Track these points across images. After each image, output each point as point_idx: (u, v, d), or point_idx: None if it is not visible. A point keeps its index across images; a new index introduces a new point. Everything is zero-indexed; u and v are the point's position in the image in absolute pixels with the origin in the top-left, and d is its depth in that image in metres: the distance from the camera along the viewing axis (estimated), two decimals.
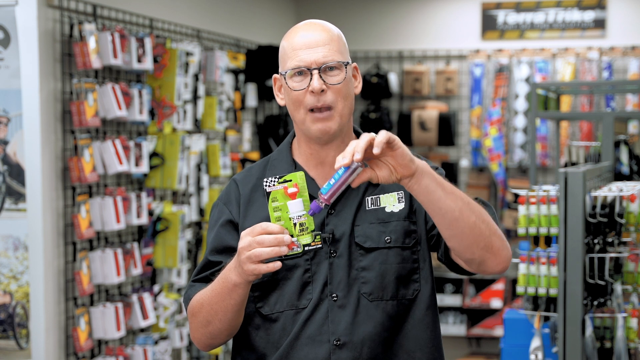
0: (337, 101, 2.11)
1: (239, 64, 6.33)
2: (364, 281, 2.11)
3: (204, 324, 2.11)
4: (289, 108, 2.15)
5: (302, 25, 2.17)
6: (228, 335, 2.14)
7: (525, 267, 3.48)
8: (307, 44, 2.11)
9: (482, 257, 2.00)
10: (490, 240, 1.98)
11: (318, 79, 2.09)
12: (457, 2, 7.73)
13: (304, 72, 2.10)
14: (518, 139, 7.36)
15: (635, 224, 3.50)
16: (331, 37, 2.13)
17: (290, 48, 2.13)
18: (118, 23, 4.99)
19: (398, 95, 7.78)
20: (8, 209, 4.08)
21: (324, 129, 2.11)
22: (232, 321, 2.09)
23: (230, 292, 2.03)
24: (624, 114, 5.26)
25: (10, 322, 4.08)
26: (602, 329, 3.41)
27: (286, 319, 2.11)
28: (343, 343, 2.09)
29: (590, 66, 7.27)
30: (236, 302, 2.04)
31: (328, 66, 2.10)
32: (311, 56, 2.10)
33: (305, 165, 2.19)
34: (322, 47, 2.11)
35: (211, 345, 2.17)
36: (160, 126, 5.19)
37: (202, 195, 5.68)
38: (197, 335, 2.15)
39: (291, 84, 2.11)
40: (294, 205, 1.96)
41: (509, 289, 7.29)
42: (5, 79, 4.06)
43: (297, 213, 1.96)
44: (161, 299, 5.16)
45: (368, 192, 2.16)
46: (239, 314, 2.08)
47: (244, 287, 2.01)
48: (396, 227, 2.14)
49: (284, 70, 2.13)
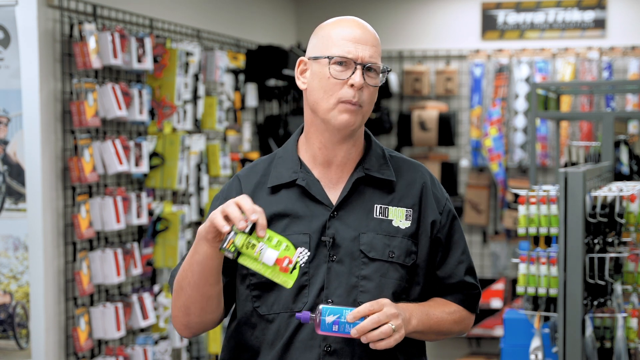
0: (366, 103, 2.11)
1: (239, 64, 6.33)
2: (362, 290, 2.09)
3: (178, 292, 2.11)
4: (315, 94, 2.12)
5: (350, 19, 2.17)
6: (199, 311, 2.11)
7: (525, 267, 3.48)
8: (358, 38, 2.12)
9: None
10: (451, 336, 2.27)
11: (361, 75, 2.09)
12: (457, 2, 7.73)
13: (346, 64, 2.10)
14: (518, 139, 7.36)
15: (635, 224, 3.50)
16: (377, 40, 2.17)
17: (339, 36, 2.12)
18: (118, 23, 4.99)
19: (398, 95, 7.78)
20: (8, 209, 4.08)
21: (349, 121, 2.09)
22: (200, 289, 2.06)
23: (196, 247, 2.03)
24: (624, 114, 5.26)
25: (10, 322, 4.08)
26: (602, 329, 3.41)
27: (281, 321, 2.10)
28: (334, 350, 2.08)
29: (590, 66, 7.27)
30: (200, 258, 2.02)
31: (370, 67, 2.11)
32: (359, 51, 2.10)
33: (311, 164, 2.17)
34: (370, 47, 2.13)
35: (189, 326, 2.14)
36: (160, 126, 5.19)
37: (202, 195, 5.68)
38: (175, 312, 2.14)
39: (332, 71, 2.09)
40: (268, 255, 1.94)
41: (509, 289, 7.29)
42: (5, 79, 4.06)
43: (263, 256, 1.95)
44: (161, 299, 5.16)
45: (378, 200, 2.15)
46: (206, 281, 2.06)
47: (207, 245, 2.00)
48: (400, 243, 2.13)
49: (328, 54, 2.11)
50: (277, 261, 1.93)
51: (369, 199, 2.15)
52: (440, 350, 7.43)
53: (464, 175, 7.66)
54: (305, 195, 2.14)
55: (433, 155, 7.65)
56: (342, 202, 2.13)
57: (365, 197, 2.14)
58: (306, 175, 2.15)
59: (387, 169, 2.18)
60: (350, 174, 2.16)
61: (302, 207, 2.11)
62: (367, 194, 2.15)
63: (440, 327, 2.16)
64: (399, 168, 2.20)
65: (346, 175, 2.16)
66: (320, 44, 2.14)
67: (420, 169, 2.23)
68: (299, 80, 2.18)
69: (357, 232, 2.11)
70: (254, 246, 1.93)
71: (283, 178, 2.16)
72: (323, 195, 2.13)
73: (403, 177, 2.19)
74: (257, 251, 1.93)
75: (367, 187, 2.16)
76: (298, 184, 2.14)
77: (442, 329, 2.16)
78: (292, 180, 2.15)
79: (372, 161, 2.18)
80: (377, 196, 2.15)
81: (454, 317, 2.20)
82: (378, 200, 2.14)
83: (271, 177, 2.18)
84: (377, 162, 2.18)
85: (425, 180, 2.20)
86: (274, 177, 2.17)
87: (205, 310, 2.11)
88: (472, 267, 2.25)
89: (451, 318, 2.19)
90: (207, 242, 2.00)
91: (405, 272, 2.13)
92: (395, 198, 2.15)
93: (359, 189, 2.15)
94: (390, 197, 2.15)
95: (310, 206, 2.12)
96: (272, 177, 2.17)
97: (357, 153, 2.18)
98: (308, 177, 2.15)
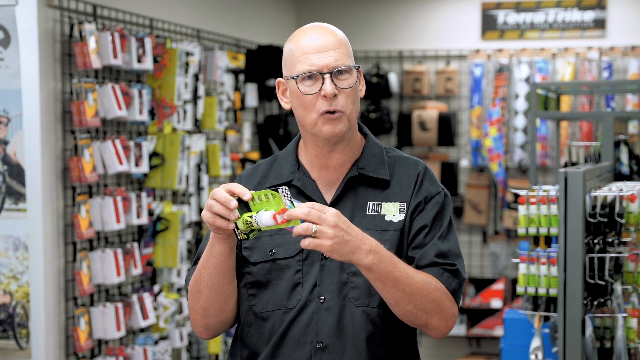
0: (347, 105, 2.11)
1: (239, 64, 6.33)
2: (352, 286, 2.11)
3: (196, 295, 2.13)
4: (298, 112, 2.14)
5: (308, 28, 2.15)
6: (218, 311, 2.13)
7: (525, 267, 3.48)
8: (318, 47, 2.10)
9: (419, 326, 2.11)
10: (427, 321, 2.07)
11: (330, 83, 2.08)
12: (457, 2, 7.73)
13: (314, 76, 2.09)
14: (518, 139, 7.36)
15: (635, 224, 3.50)
16: (340, 41, 2.13)
17: (300, 51, 2.11)
18: (118, 23, 4.99)
19: (398, 95, 7.78)
20: (8, 209, 4.08)
21: (334, 131, 2.11)
22: (218, 288, 2.09)
23: (210, 249, 2.06)
24: (624, 114, 5.26)
25: (10, 322, 4.08)
26: (602, 329, 3.41)
27: (275, 319, 2.12)
28: (325, 346, 2.09)
29: (590, 66, 7.27)
30: (217, 261, 2.06)
31: (339, 70, 2.10)
32: (322, 60, 2.09)
33: (309, 167, 2.20)
34: (333, 51, 2.10)
35: (208, 327, 2.17)
36: (160, 126, 5.19)
37: (202, 195, 5.68)
38: (193, 315, 2.17)
39: (302, 89, 2.10)
40: (265, 218, 1.94)
41: (509, 289, 7.29)
42: (5, 79, 4.06)
43: (262, 223, 1.95)
44: (161, 299, 5.16)
45: (371, 197, 2.17)
46: (223, 280, 2.09)
47: (220, 244, 2.04)
48: (392, 237, 2.13)
49: (293, 74, 2.12)
50: (274, 218, 1.93)
51: (363, 196, 2.17)
52: (440, 350, 7.44)
53: (464, 175, 7.66)
54: (301, 195, 2.18)
55: (433, 155, 7.65)
56: (336, 201, 2.16)
57: (359, 194, 2.17)
58: (302, 176, 2.19)
59: (383, 168, 2.19)
60: (345, 174, 2.19)
61: None
62: (360, 192, 2.17)
63: (406, 285, 2.00)
64: (396, 165, 2.22)
65: (342, 175, 2.19)
66: (288, 63, 2.15)
67: (417, 164, 2.23)
68: (282, 101, 2.20)
69: None
70: (252, 223, 1.96)
71: (281, 178, 2.21)
72: (317, 195, 2.17)
73: (399, 173, 2.20)
74: (255, 224, 1.95)
75: (361, 186, 2.18)
76: (294, 184, 2.18)
77: (407, 287, 2.01)
78: (289, 180, 2.19)
79: (367, 160, 2.20)
80: (371, 193, 2.17)
81: (425, 281, 2.04)
82: (372, 197, 2.16)
83: (270, 178, 2.22)
84: (373, 161, 2.20)
85: (419, 172, 2.20)
86: (272, 178, 2.22)
87: (223, 309, 2.14)
88: (445, 253, 2.13)
89: (422, 281, 2.03)
90: (220, 242, 2.04)
91: None
92: (389, 194, 2.17)
93: (353, 187, 2.18)
94: (385, 194, 2.17)
95: None
96: (271, 178, 2.22)
97: (353, 153, 2.20)
98: (304, 178, 2.19)
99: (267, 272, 2.13)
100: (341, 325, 2.10)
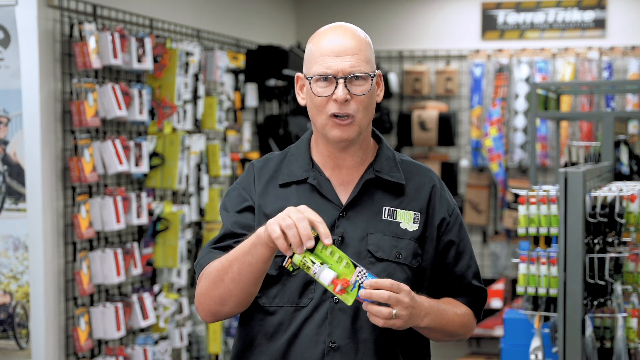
0: (358, 111, 2.10)
1: (239, 64, 6.33)
2: None
3: (216, 282, 2.06)
4: (311, 111, 2.14)
5: (330, 29, 2.13)
6: (236, 304, 2.09)
7: (525, 267, 3.48)
8: (336, 51, 2.08)
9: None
10: (454, 339, 2.24)
11: (343, 88, 2.07)
12: (457, 2, 7.73)
13: (329, 79, 2.08)
14: (518, 139, 7.36)
15: (635, 224, 3.50)
16: (360, 45, 2.11)
17: (318, 52, 2.10)
18: (118, 23, 4.99)
19: (398, 95, 7.78)
20: (8, 209, 4.07)
21: (342, 136, 2.10)
22: (244, 286, 2.04)
23: (250, 248, 1.99)
24: (624, 114, 5.26)
25: (10, 322, 4.08)
26: (602, 329, 3.41)
27: (285, 315, 2.11)
28: (338, 346, 2.09)
29: (590, 66, 7.27)
30: (253, 261, 2.00)
31: (354, 76, 2.09)
32: (338, 64, 2.08)
33: (322, 165, 2.19)
34: (350, 57, 2.08)
35: (217, 314, 2.12)
36: (160, 126, 5.19)
37: (202, 195, 5.68)
38: (204, 299, 2.10)
39: (315, 89, 2.09)
40: (324, 275, 1.93)
41: (509, 289, 7.29)
42: (5, 79, 4.06)
43: (319, 275, 1.93)
44: (161, 299, 5.16)
45: (387, 202, 2.16)
46: (253, 280, 2.03)
47: (265, 249, 1.97)
48: (407, 245, 2.14)
49: (309, 74, 2.11)
50: (332, 281, 1.92)
51: (378, 200, 2.16)
52: (440, 350, 7.43)
53: (464, 175, 7.66)
54: (315, 193, 2.16)
55: (433, 155, 7.65)
56: (352, 203, 2.15)
57: (375, 198, 2.16)
58: (317, 174, 2.18)
59: (397, 172, 2.20)
60: (361, 176, 2.18)
61: (311, 205, 2.12)
62: (376, 196, 2.16)
63: (449, 327, 2.15)
64: (409, 172, 2.22)
65: (357, 176, 2.18)
66: (307, 62, 2.15)
67: (429, 173, 2.25)
68: (299, 96, 2.20)
69: (365, 232, 2.13)
70: (309, 268, 1.93)
71: (295, 176, 2.18)
72: (333, 195, 2.16)
73: (413, 180, 2.21)
74: (312, 272, 1.92)
75: (377, 190, 2.17)
76: (309, 182, 2.16)
77: (449, 329, 2.16)
78: (303, 178, 2.17)
79: (382, 163, 2.20)
80: (386, 198, 2.17)
81: (462, 319, 2.19)
82: (387, 203, 2.16)
83: (282, 174, 2.20)
84: (387, 165, 2.20)
85: (434, 184, 2.23)
86: (285, 175, 2.19)
87: (241, 304, 2.10)
88: (479, 272, 2.27)
89: (459, 320, 2.18)
90: (268, 248, 1.98)
91: (411, 274, 2.14)
92: (404, 201, 2.17)
93: (369, 190, 2.17)
94: (399, 200, 2.17)
95: (320, 205, 2.14)
96: (284, 174, 2.19)
97: (366, 155, 2.20)
98: (319, 176, 2.17)
99: (278, 266, 2.12)
100: (356, 326, 2.10)
